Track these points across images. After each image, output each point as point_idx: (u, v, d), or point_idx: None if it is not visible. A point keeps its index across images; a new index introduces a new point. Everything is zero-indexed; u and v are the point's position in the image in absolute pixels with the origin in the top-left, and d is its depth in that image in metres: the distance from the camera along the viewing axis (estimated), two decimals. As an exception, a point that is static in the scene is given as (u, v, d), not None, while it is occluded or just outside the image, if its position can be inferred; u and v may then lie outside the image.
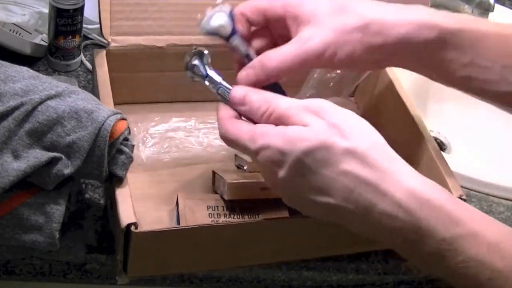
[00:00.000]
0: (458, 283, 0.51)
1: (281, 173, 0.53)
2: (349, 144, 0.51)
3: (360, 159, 0.51)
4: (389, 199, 0.50)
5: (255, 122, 0.57)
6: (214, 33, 0.62)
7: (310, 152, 0.51)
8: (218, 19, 0.61)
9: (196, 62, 0.63)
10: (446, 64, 0.61)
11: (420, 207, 0.50)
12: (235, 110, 0.59)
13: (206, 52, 0.62)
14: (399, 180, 0.51)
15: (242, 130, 0.56)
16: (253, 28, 0.64)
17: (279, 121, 0.55)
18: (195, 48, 0.63)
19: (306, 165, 0.52)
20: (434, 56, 0.61)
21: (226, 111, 0.59)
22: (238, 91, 0.58)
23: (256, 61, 0.61)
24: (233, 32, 0.61)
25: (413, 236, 0.50)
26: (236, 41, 0.62)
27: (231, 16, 0.61)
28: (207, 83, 0.62)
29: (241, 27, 0.62)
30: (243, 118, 0.59)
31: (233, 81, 0.62)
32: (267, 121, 0.55)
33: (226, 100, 0.60)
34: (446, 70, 0.62)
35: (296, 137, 0.52)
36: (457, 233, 0.49)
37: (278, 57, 0.59)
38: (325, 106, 0.54)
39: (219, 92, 0.61)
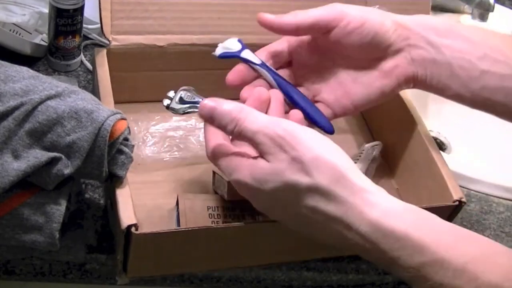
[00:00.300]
0: None
1: (257, 200, 0.57)
2: (311, 182, 0.52)
3: (324, 195, 0.52)
4: (354, 232, 0.51)
5: None
6: (226, 52, 0.70)
7: (276, 191, 0.53)
8: (229, 41, 0.71)
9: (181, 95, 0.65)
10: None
11: (384, 238, 0.51)
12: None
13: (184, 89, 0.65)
14: (362, 212, 0.51)
15: (223, 159, 0.58)
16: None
17: (248, 141, 0.56)
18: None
19: (276, 202, 0.55)
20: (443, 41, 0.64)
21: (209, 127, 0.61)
22: (205, 107, 0.57)
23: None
24: (243, 47, 0.69)
25: (384, 263, 0.52)
26: (247, 53, 0.68)
27: (240, 40, 0.70)
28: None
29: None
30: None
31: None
32: (237, 138, 0.57)
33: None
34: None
35: (262, 178, 0.54)
36: (422, 262, 0.50)
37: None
38: (289, 135, 0.53)
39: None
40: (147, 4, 0.79)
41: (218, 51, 0.71)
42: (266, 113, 0.64)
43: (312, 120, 0.67)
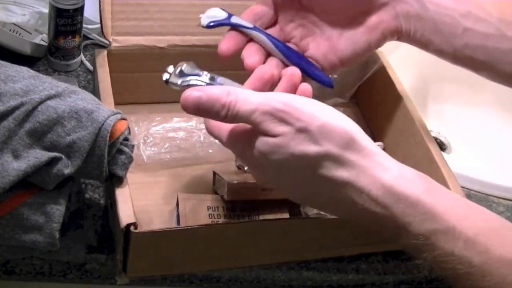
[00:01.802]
0: (439, 272, 0.52)
1: (264, 172, 0.54)
2: (320, 150, 0.50)
3: (333, 161, 0.51)
4: (366, 196, 0.50)
5: None
6: (214, 20, 0.68)
7: (284, 163, 0.51)
8: (212, 10, 0.68)
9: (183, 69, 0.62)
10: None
11: (396, 203, 0.50)
12: None
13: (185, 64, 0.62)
14: (375, 176, 0.50)
15: (221, 125, 0.56)
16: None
17: (245, 123, 0.53)
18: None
19: (285, 174, 0.52)
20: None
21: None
22: (189, 98, 0.53)
23: None
24: (230, 14, 0.67)
25: (393, 229, 0.51)
26: (237, 19, 0.66)
27: (223, 8, 0.68)
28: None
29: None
30: None
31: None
32: (233, 122, 0.54)
33: None
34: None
35: (268, 151, 0.51)
36: (433, 229, 0.50)
37: None
38: (288, 107, 0.51)
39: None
40: (147, 5, 0.79)
41: (204, 21, 0.67)
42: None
43: (311, 75, 0.66)
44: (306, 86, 0.63)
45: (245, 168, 0.75)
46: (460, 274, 0.50)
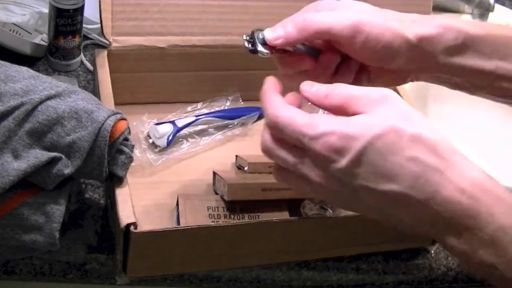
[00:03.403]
0: (502, 274, 0.52)
1: (343, 161, 0.52)
2: (418, 131, 0.51)
3: (427, 147, 0.51)
4: (453, 186, 0.51)
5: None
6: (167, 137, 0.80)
7: (380, 137, 0.51)
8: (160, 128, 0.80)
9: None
10: (471, 70, 0.63)
11: (483, 194, 0.51)
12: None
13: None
14: (463, 170, 0.52)
15: (299, 116, 0.54)
16: None
17: (342, 106, 0.54)
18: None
19: (376, 150, 0.51)
20: (456, 61, 0.62)
21: (276, 99, 0.56)
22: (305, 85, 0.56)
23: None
24: (174, 123, 0.79)
25: (471, 222, 0.51)
26: (181, 122, 0.78)
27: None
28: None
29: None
30: None
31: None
32: (330, 104, 0.54)
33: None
34: (471, 77, 0.64)
35: (366, 123, 0.51)
36: None
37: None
38: (389, 94, 0.53)
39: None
40: (147, 5, 0.79)
41: (161, 143, 0.80)
42: None
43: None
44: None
45: (245, 169, 0.75)
46: None
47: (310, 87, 0.56)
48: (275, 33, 0.60)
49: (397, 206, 0.53)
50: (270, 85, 0.57)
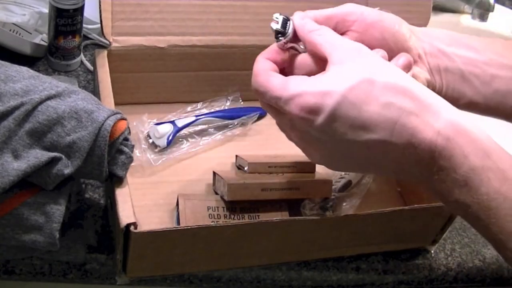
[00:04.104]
0: (476, 213, 0.53)
1: (319, 119, 0.52)
2: (390, 79, 0.52)
3: (402, 92, 0.52)
4: (429, 128, 0.52)
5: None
6: (167, 137, 0.80)
7: (352, 89, 0.52)
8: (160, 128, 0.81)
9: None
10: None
11: (457, 135, 0.52)
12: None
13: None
14: (439, 112, 0.52)
15: (274, 80, 0.55)
16: None
17: (321, 45, 0.55)
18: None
19: (350, 103, 0.52)
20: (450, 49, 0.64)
21: (262, 64, 0.57)
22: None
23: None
24: (174, 123, 0.81)
25: (446, 163, 0.52)
26: (180, 122, 0.79)
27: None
28: None
29: None
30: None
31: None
32: (311, 38, 0.56)
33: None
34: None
35: (338, 78, 0.52)
36: (487, 165, 0.51)
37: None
38: (362, 48, 0.55)
39: None
40: (147, 5, 0.79)
41: (161, 143, 0.80)
42: None
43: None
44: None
45: (245, 169, 0.75)
46: (501, 212, 0.51)
47: (300, 18, 0.58)
48: (304, 13, 0.61)
49: (379, 154, 0.54)
50: (263, 53, 0.58)
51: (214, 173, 0.75)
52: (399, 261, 0.75)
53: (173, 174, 0.78)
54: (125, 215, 0.59)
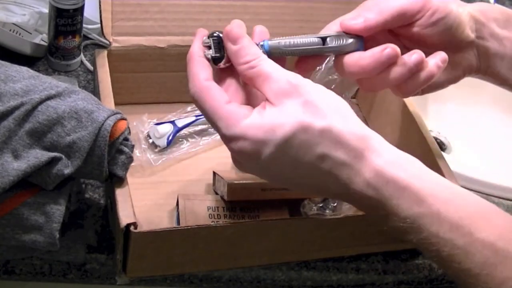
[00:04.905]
0: (424, 254, 0.54)
1: (256, 162, 0.53)
2: (326, 124, 0.51)
3: (335, 140, 0.52)
4: (361, 178, 0.52)
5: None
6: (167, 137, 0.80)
7: (289, 139, 0.51)
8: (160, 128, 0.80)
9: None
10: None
11: (386, 186, 0.52)
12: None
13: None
14: (369, 159, 0.52)
15: (220, 107, 0.53)
16: None
17: (255, 79, 0.54)
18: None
19: (285, 153, 0.52)
20: (505, 33, 0.64)
21: (205, 71, 0.57)
22: (239, 29, 0.56)
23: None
24: (174, 123, 0.81)
25: (382, 212, 0.53)
26: (181, 122, 0.79)
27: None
28: None
29: None
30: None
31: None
32: (244, 71, 0.54)
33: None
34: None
35: (275, 124, 0.51)
36: (420, 213, 0.51)
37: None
38: (299, 83, 0.53)
39: None
40: (147, 5, 0.79)
41: (161, 142, 0.79)
42: None
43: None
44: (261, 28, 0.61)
45: None
46: (444, 256, 0.51)
47: (233, 40, 0.55)
48: (354, 20, 0.60)
49: (320, 193, 0.56)
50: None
51: (214, 173, 0.75)
52: (399, 261, 0.74)
53: (173, 174, 0.78)
54: (125, 215, 0.59)
